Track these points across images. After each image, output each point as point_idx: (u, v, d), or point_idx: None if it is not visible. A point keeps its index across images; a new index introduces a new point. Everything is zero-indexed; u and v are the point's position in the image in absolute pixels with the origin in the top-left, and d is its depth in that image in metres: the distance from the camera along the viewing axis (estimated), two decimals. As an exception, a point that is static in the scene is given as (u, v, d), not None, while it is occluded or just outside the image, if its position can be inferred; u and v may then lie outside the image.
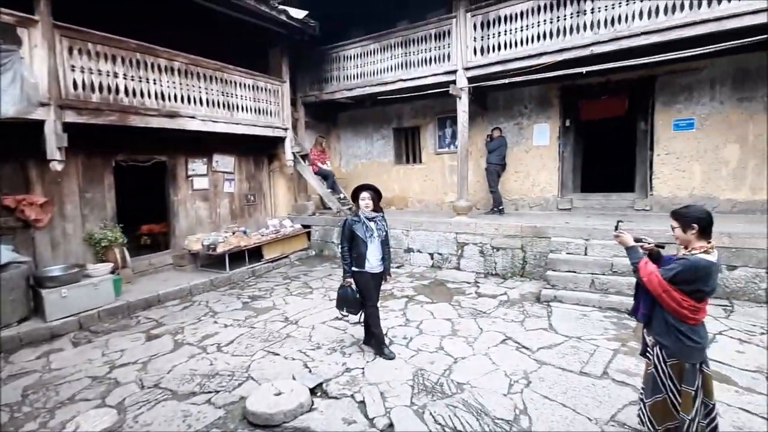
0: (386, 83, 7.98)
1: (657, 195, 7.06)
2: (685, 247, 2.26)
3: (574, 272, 5.27)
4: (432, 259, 7.18)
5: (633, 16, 5.66)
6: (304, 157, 8.85)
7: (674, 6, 5.41)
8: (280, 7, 7.38)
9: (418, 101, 8.87)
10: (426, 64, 7.52)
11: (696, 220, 2.19)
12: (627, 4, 5.69)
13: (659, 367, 2.29)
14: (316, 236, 8.64)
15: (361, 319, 3.88)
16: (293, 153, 8.53)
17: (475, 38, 6.98)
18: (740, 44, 5.23)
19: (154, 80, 5.97)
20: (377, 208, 3.76)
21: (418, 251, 7.34)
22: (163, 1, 6.06)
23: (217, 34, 7.33)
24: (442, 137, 9.12)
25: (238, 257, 7.02)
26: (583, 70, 6.13)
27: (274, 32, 7.71)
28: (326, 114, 10.26)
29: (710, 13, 5.20)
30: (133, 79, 5.71)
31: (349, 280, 3.69)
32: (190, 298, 5.87)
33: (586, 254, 5.46)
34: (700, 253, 2.16)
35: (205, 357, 3.94)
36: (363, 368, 3.57)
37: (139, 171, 6.71)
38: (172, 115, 6.22)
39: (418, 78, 7.62)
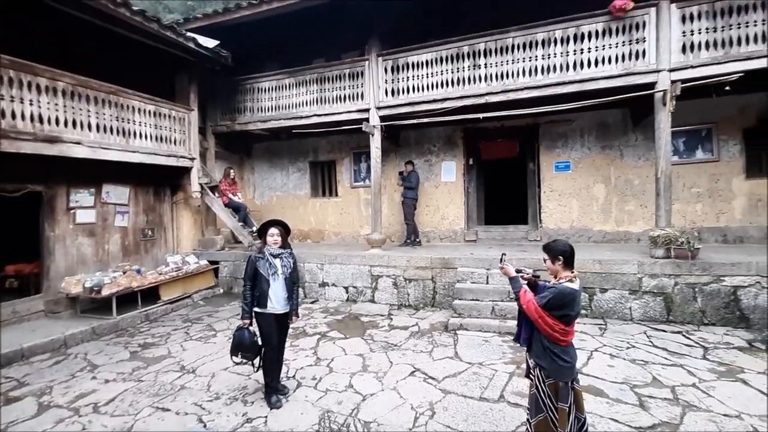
0: (302, 117, 8.04)
1: (545, 227, 7.97)
2: (555, 277, 2.57)
3: (478, 300, 5.64)
4: (347, 292, 7.14)
5: (517, 73, 6.54)
6: (214, 188, 8.39)
7: (548, 67, 6.38)
8: (189, 34, 7.15)
9: (334, 136, 9.07)
10: (341, 101, 7.78)
11: (561, 253, 2.51)
12: (512, 63, 6.57)
13: (539, 388, 2.52)
14: (225, 273, 8.10)
15: (259, 367, 3.61)
16: (201, 184, 8.04)
17: (386, 80, 7.43)
18: (599, 102, 6.32)
19: (31, 101, 5.29)
20: (285, 245, 3.68)
21: (333, 285, 7.26)
22: (59, 21, 5.54)
23: (119, 57, 6.82)
24: (357, 171, 9.36)
25: (129, 300, 6.27)
26: (480, 116, 6.85)
27: (181, 59, 7.40)
28: (240, 145, 9.96)
29: (575, 76, 6.23)
30: (3, 99, 5.00)
31: (246, 321, 3.49)
32: (64, 351, 5.04)
33: (487, 283, 5.89)
34: (566, 281, 2.47)
35: (77, 421, 3.38)
36: (266, 417, 3.34)
37: (6, 202, 5.75)
38: (53, 140, 5.52)
39: (333, 114, 7.82)
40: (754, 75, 5.49)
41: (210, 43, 7.44)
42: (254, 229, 8.36)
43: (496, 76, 6.67)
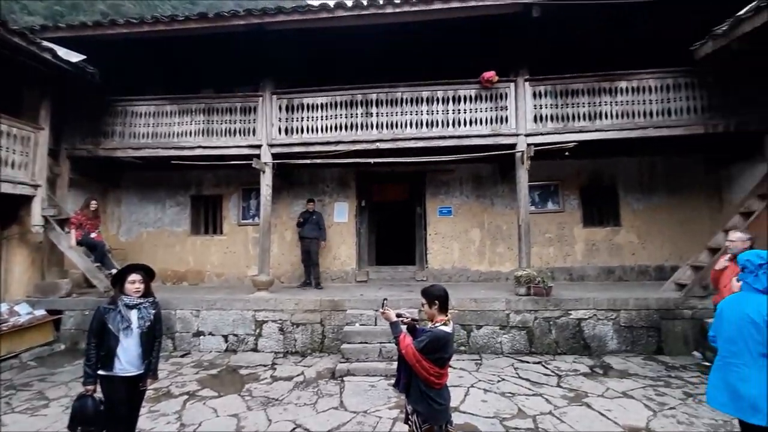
0: (185, 148, 7.42)
1: (431, 267, 8.48)
2: (431, 320, 2.68)
3: (366, 343, 5.61)
4: (226, 341, 6.47)
5: (406, 125, 7.09)
6: (63, 222, 7.04)
7: (433, 122, 7.07)
8: (46, 44, 6.20)
9: (222, 170, 8.52)
10: (231, 135, 7.42)
11: (437, 297, 2.65)
12: (401, 115, 7.11)
13: (416, 434, 2.53)
14: (70, 324, 6.69)
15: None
16: (45, 216, 6.70)
17: (280, 118, 7.37)
18: (474, 157, 7.15)
19: None
20: (148, 292, 3.19)
21: (210, 334, 6.52)
22: None
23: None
24: (246, 208, 8.86)
25: None
26: (372, 160, 7.16)
27: (34, 69, 6.32)
28: (106, 173, 8.68)
29: (454, 132, 7.00)
30: None
31: (90, 387, 2.88)
32: None
33: (376, 324, 5.92)
34: (441, 325, 2.59)
35: None
36: (103, 508, 2.71)
37: None
38: None
39: (222, 147, 7.40)
40: (586, 145, 6.83)
41: (74, 57, 6.56)
42: (114, 271, 7.18)
43: (387, 124, 7.12)
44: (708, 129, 6.59)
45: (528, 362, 5.67)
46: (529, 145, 6.80)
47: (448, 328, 2.60)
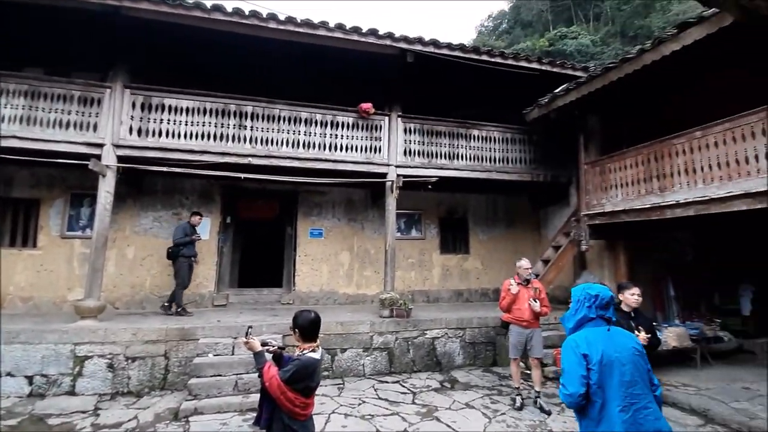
0: (-13, 135, 5.79)
1: (298, 290, 8.26)
2: (300, 348, 2.59)
3: (220, 375, 5.06)
4: (31, 384, 5.08)
5: (281, 143, 6.91)
6: None
7: (310, 143, 7.05)
8: None
9: (42, 168, 6.87)
10: (62, 127, 6.10)
11: (297, 327, 2.57)
12: (278, 132, 6.92)
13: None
14: None
15: None
16: None
17: (133, 116, 6.41)
18: (348, 182, 7.37)
19: None
20: None
21: (9, 375, 5.05)
22: None
23: None
24: (75, 217, 7.30)
25: None
26: (242, 176, 6.72)
27: None
28: None
29: (330, 155, 7.11)
30: None
31: None
32: None
33: (233, 354, 5.42)
34: (309, 352, 2.52)
35: None
36: None
37: None
38: None
39: (48, 141, 6.00)
40: (445, 180, 7.70)
41: None
42: None
43: (262, 140, 6.83)
44: (533, 177, 8.16)
45: (387, 382, 5.91)
46: (398, 175, 7.33)
47: (316, 355, 2.54)
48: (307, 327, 2.56)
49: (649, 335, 3.41)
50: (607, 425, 2.13)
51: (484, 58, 7.15)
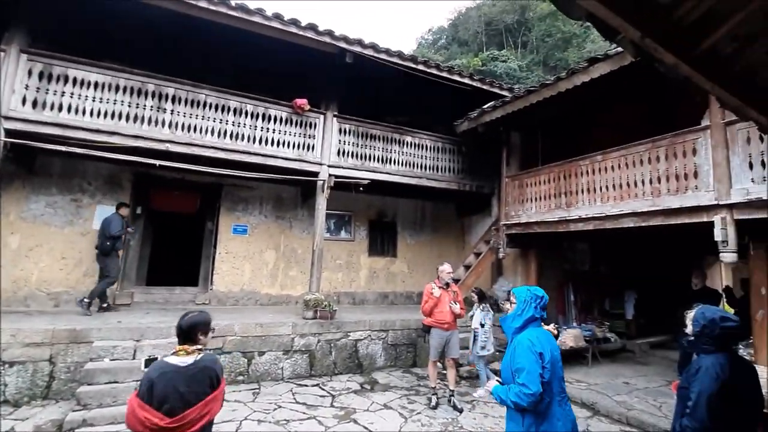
0: None
1: (216, 289, 7.75)
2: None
3: (116, 382, 4.54)
4: None
5: (206, 131, 6.45)
6: None
7: (239, 135, 6.68)
8: None
9: None
10: (-75, 87, 5.09)
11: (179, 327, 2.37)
12: (203, 119, 6.45)
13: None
14: None
15: None
16: None
17: (27, 86, 5.57)
18: (277, 178, 7.10)
19: None
20: None
21: None
22: None
23: None
24: (-60, 196, 6.13)
25: None
26: (157, 163, 6.16)
27: None
28: None
29: (260, 149, 6.79)
30: None
31: None
32: None
33: (134, 358, 4.90)
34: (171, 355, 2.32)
35: None
36: None
37: None
38: None
39: None
40: (377, 183, 7.77)
41: None
42: None
43: (184, 126, 6.32)
44: (460, 186, 8.58)
45: (307, 385, 5.77)
46: (330, 175, 7.24)
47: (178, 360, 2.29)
48: (184, 328, 2.37)
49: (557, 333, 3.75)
50: (550, 420, 2.29)
51: (421, 67, 7.37)
